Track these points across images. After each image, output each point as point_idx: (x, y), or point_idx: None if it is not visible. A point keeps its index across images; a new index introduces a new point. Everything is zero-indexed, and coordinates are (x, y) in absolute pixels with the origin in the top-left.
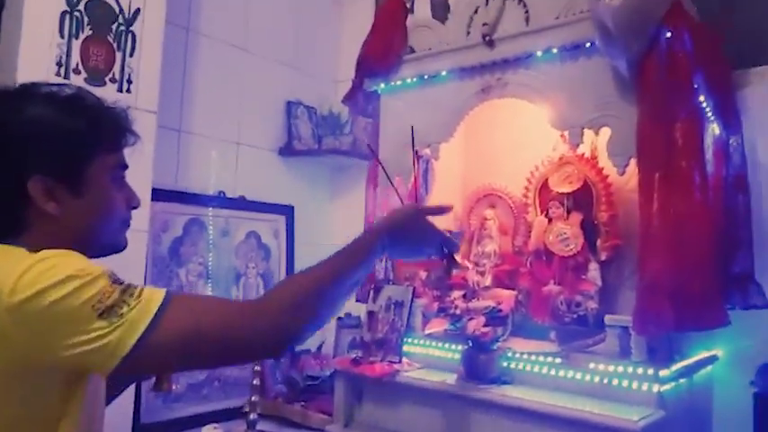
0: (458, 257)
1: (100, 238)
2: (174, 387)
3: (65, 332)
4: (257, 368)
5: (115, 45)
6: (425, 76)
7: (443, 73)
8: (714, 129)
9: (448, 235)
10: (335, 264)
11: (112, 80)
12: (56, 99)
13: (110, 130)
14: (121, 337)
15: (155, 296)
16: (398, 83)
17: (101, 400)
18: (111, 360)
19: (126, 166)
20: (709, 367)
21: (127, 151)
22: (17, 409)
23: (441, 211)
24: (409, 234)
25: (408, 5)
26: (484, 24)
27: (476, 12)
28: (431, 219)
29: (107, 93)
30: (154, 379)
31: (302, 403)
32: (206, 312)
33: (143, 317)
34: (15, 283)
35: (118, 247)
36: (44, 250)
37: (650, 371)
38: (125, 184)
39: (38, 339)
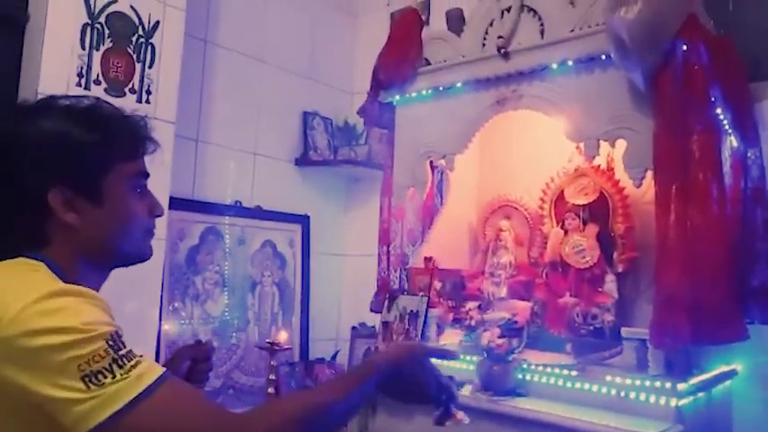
0: (455, 411)
1: (122, 248)
2: None
3: (45, 380)
4: (272, 376)
5: (135, 57)
6: (440, 88)
7: (458, 85)
8: (732, 141)
9: (448, 381)
10: (327, 394)
11: (132, 91)
12: (72, 111)
13: (127, 139)
14: (93, 408)
15: (149, 373)
16: (413, 94)
17: None
18: (79, 427)
19: (147, 175)
20: (728, 382)
21: (146, 160)
22: None
23: (447, 355)
24: (407, 374)
25: (424, 18)
26: (499, 37)
27: (491, 24)
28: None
29: (127, 103)
30: None
31: None
32: (192, 413)
33: (122, 394)
34: (21, 311)
35: (143, 256)
36: (65, 285)
37: (668, 384)
38: (147, 192)
39: (22, 375)
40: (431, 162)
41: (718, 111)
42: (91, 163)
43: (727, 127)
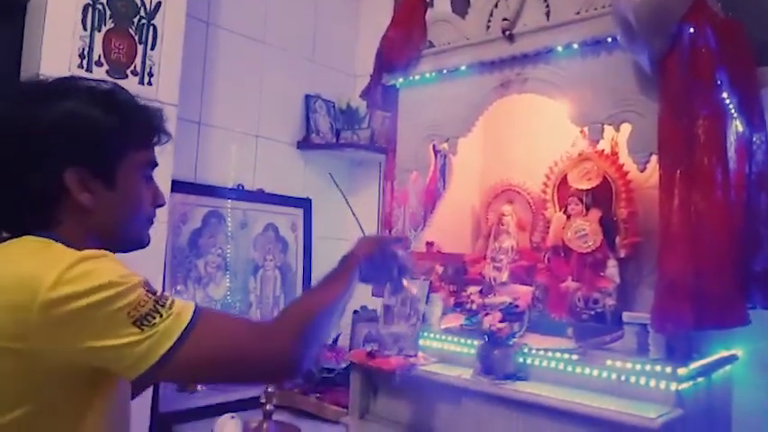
0: (406, 282)
1: (127, 233)
2: (198, 387)
3: (97, 334)
4: None
5: (137, 38)
6: (444, 71)
7: (462, 68)
8: (737, 126)
9: (402, 260)
10: (330, 290)
11: (134, 73)
12: (94, 94)
13: (143, 128)
14: (152, 346)
15: (185, 310)
16: (417, 77)
17: (128, 401)
18: (139, 367)
19: (156, 164)
20: (729, 367)
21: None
22: (34, 406)
23: (400, 240)
24: (377, 259)
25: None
26: (504, 19)
27: (496, 6)
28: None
29: (128, 85)
30: None
31: (318, 395)
32: (230, 331)
33: (174, 329)
34: (58, 278)
35: (142, 243)
36: (87, 250)
37: (668, 369)
38: (153, 181)
39: (64, 338)
40: (434, 146)
41: (725, 95)
42: (109, 146)
43: (733, 111)
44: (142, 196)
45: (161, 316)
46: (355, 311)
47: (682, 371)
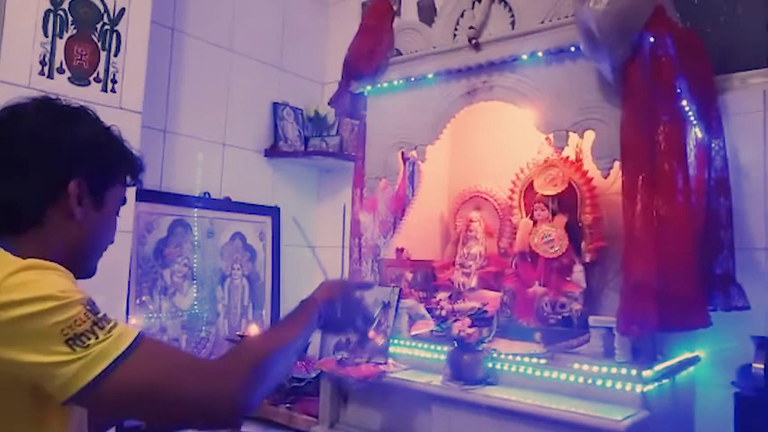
0: (371, 333)
1: (91, 256)
2: None
3: (28, 348)
4: None
5: (100, 44)
6: (412, 79)
7: (430, 76)
8: (697, 132)
9: (367, 310)
10: (285, 333)
11: (97, 80)
12: (102, 123)
13: (131, 168)
14: (82, 368)
15: (126, 335)
16: (385, 85)
17: (82, 427)
18: (67, 389)
19: (125, 202)
20: (692, 368)
21: None
22: None
23: (367, 286)
24: (339, 305)
25: (395, 8)
26: (470, 27)
27: (462, 15)
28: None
29: (91, 92)
30: None
31: (288, 405)
32: (171, 364)
33: (109, 353)
34: None
35: (91, 271)
36: (33, 259)
37: (634, 371)
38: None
39: (5, 348)
40: (402, 153)
41: (684, 102)
42: (109, 171)
43: (692, 118)
44: (112, 226)
45: (96, 338)
46: None
47: (647, 373)
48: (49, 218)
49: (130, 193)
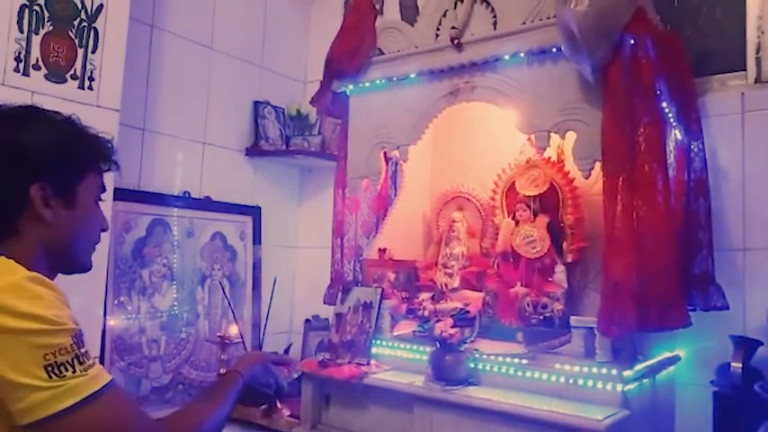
0: (280, 404)
1: (76, 254)
2: None
3: (7, 360)
4: (223, 371)
5: (77, 41)
6: (394, 78)
7: (412, 75)
8: (676, 134)
9: (282, 382)
10: (214, 405)
11: (74, 77)
12: (57, 120)
13: (99, 154)
14: (52, 397)
15: (101, 377)
16: (367, 84)
17: None
18: (33, 413)
19: (105, 190)
20: (672, 367)
21: None
22: None
23: (287, 362)
24: (259, 376)
25: (377, 7)
26: (452, 28)
27: (444, 15)
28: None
29: (68, 90)
30: None
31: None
32: (131, 418)
33: (84, 389)
34: (11, 283)
35: (85, 266)
36: (40, 275)
37: (614, 371)
38: (99, 206)
39: None
40: (385, 153)
41: (664, 104)
42: (72, 167)
43: (672, 120)
44: (94, 218)
45: (74, 371)
46: (307, 320)
47: (627, 373)
48: (23, 225)
49: (107, 191)
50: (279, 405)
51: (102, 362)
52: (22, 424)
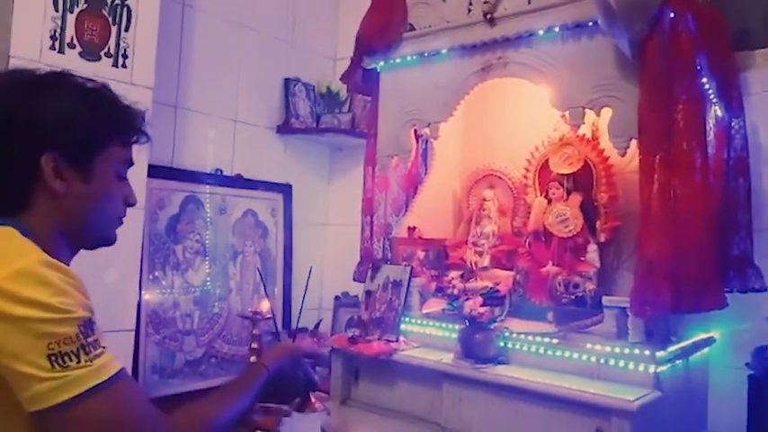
0: (313, 398)
1: (94, 228)
2: None
3: (13, 350)
4: (254, 345)
5: (110, 19)
6: (425, 54)
7: (443, 51)
8: (716, 111)
9: (313, 376)
10: (233, 399)
11: (108, 55)
12: (80, 88)
13: (123, 126)
14: (54, 388)
15: (108, 368)
16: (398, 61)
17: None
18: (34, 403)
19: (132, 163)
20: (706, 349)
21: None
22: None
23: (317, 354)
24: (288, 369)
25: None
26: (485, 2)
27: None
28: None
29: (102, 68)
30: None
31: None
32: (133, 412)
33: (87, 380)
34: (5, 277)
35: (109, 240)
36: (51, 258)
37: (647, 352)
38: (126, 180)
39: None
40: (415, 130)
41: (704, 80)
42: (88, 137)
43: (711, 96)
44: (115, 192)
45: (78, 362)
46: (336, 297)
47: (660, 354)
48: (35, 198)
49: (141, 169)
50: (312, 399)
51: (137, 335)
52: (29, 411)
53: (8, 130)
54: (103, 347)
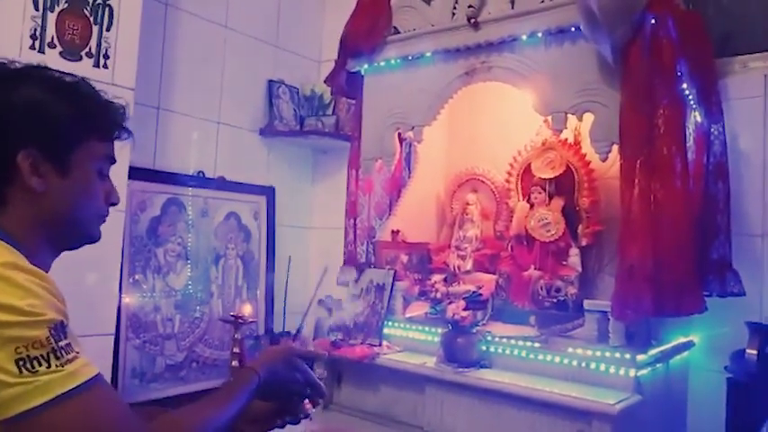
0: (308, 403)
1: (76, 226)
2: None
3: None
4: (236, 349)
5: (92, 19)
6: (409, 58)
7: (428, 55)
8: (696, 116)
9: (315, 378)
10: (219, 406)
11: (89, 55)
12: (57, 82)
13: (104, 120)
14: (21, 394)
15: (79, 373)
16: (382, 64)
17: None
18: (3, 410)
19: (114, 161)
20: (686, 353)
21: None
22: None
23: (311, 355)
24: (282, 372)
25: None
26: (469, 6)
27: None
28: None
29: (83, 68)
30: None
31: None
32: (112, 419)
33: (52, 387)
34: None
35: (92, 238)
36: (19, 260)
37: (627, 355)
38: (107, 178)
39: None
40: (399, 134)
41: (684, 86)
42: (65, 132)
43: (692, 102)
44: (96, 189)
45: (48, 366)
46: (320, 300)
47: (640, 357)
48: (12, 196)
49: (122, 170)
50: (307, 404)
51: (117, 339)
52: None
53: None
54: (77, 352)
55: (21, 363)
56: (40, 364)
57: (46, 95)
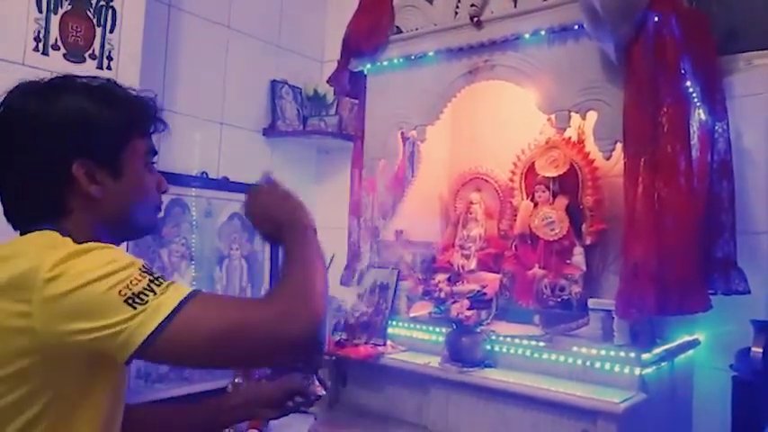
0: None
1: (137, 220)
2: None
3: (92, 316)
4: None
5: (95, 20)
6: (412, 57)
7: (430, 54)
8: (700, 114)
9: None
10: (310, 252)
11: (92, 56)
12: (89, 89)
13: (141, 117)
14: (141, 323)
15: (181, 290)
16: (385, 63)
17: (123, 396)
18: (130, 345)
19: (156, 152)
20: (691, 351)
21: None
22: (35, 388)
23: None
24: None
25: None
26: (472, 5)
27: None
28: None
29: (87, 70)
30: None
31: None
32: (234, 305)
33: (167, 304)
34: (53, 267)
35: (154, 228)
36: (85, 243)
37: (632, 354)
38: (154, 169)
39: (62, 323)
40: (402, 133)
41: (688, 83)
42: (110, 137)
43: (696, 100)
44: (147, 184)
45: (154, 294)
46: None
47: (645, 356)
48: (74, 204)
49: None
50: (316, 382)
51: None
52: (126, 358)
53: (34, 141)
54: (169, 279)
55: (130, 301)
56: (147, 295)
57: (85, 104)
